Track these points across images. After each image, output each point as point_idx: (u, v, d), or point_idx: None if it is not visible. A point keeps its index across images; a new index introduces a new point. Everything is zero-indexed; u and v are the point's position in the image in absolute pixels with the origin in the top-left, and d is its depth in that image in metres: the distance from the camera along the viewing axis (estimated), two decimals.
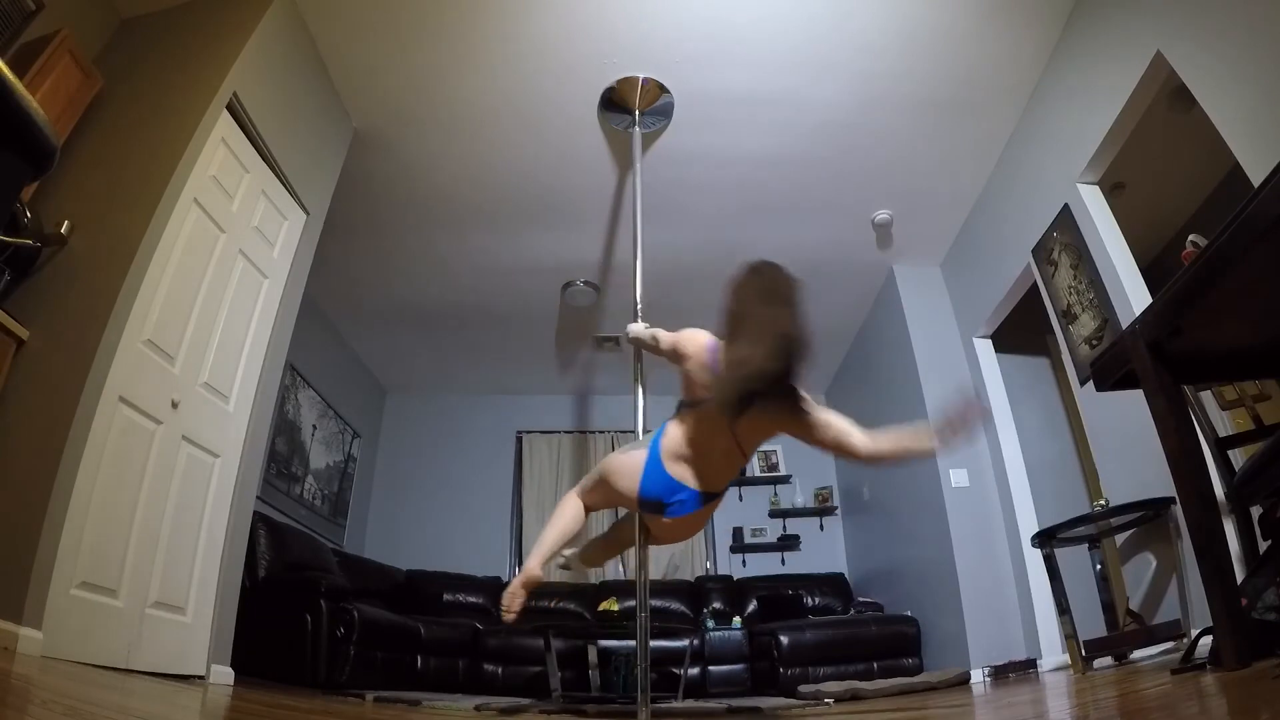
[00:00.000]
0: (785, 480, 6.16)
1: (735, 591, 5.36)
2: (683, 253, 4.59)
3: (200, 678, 2.46)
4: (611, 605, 4.38)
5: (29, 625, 1.82)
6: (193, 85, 2.61)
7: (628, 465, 1.86)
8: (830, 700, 3.22)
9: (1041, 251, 3.49)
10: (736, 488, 6.15)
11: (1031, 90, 3.47)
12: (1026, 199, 3.63)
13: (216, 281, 2.66)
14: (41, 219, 2.28)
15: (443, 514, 6.01)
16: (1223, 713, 1.14)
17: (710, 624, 4.84)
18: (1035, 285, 3.64)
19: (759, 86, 3.45)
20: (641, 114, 3.52)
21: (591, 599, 5.10)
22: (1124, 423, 2.88)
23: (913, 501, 4.60)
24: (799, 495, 6.06)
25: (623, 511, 2.62)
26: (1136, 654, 2.85)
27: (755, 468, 6.26)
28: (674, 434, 1.82)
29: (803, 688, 3.62)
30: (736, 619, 4.98)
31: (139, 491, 2.27)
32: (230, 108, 2.68)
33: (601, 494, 1.98)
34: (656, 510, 1.82)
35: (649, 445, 1.85)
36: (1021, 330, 4.23)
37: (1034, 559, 3.56)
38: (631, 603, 3.31)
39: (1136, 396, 1.90)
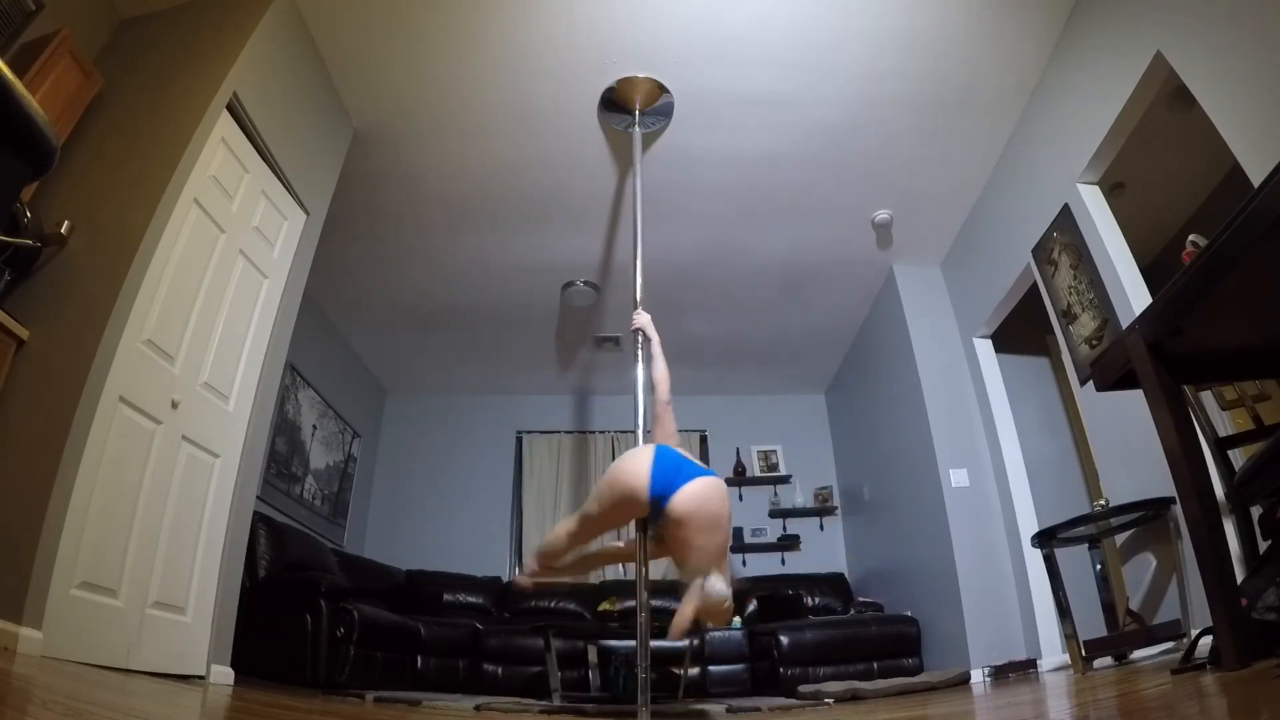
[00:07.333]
0: (785, 480, 6.16)
1: (735, 592, 5.34)
2: (683, 253, 4.59)
3: (200, 678, 2.46)
4: (611, 605, 4.38)
5: (29, 625, 1.82)
6: (193, 85, 2.61)
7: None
8: (830, 700, 3.22)
9: (1041, 251, 3.49)
10: (737, 487, 6.17)
11: (1031, 90, 3.47)
12: (1026, 199, 3.63)
13: (216, 281, 2.66)
14: (41, 219, 2.28)
15: (443, 514, 6.01)
16: (1223, 713, 1.14)
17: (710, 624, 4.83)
18: (1035, 285, 3.64)
19: (759, 86, 3.45)
20: (641, 114, 3.52)
21: (591, 599, 5.09)
22: (1124, 423, 2.88)
23: (913, 501, 4.60)
24: (799, 495, 6.07)
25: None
26: (1136, 654, 2.85)
27: (755, 468, 6.27)
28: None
29: (803, 688, 3.62)
30: (736, 619, 4.98)
31: (139, 491, 2.27)
32: (230, 108, 2.68)
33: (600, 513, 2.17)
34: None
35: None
36: (1021, 330, 4.24)
37: (1034, 559, 3.56)
38: (631, 603, 3.32)
39: (1136, 396, 1.89)
